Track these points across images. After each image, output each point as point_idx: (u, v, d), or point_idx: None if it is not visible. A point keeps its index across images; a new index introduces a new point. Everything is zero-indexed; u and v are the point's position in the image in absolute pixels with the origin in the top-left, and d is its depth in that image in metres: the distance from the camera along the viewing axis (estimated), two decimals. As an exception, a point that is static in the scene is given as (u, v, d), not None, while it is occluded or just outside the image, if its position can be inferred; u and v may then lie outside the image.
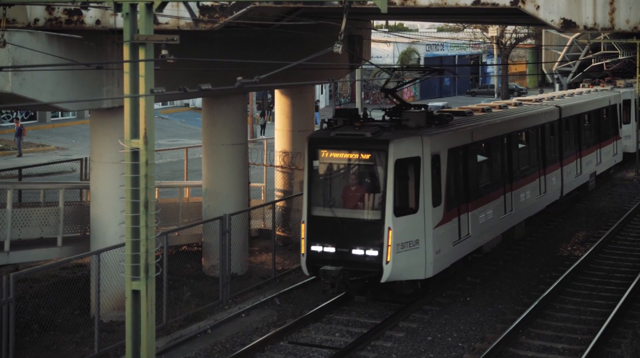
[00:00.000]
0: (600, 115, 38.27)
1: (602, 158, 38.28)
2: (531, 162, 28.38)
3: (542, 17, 15.93)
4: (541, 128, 29.61)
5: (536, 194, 28.70)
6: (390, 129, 21.11)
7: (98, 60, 19.09)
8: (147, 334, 10.81)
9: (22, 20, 18.20)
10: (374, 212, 20.34)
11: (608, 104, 40.11)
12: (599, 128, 37.69)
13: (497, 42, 71.87)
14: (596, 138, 37.24)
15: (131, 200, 10.70)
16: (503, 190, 25.55)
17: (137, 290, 10.75)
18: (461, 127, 23.26)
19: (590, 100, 37.31)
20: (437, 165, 21.09)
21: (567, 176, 32.39)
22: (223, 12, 17.29)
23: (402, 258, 20.01)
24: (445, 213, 21.35)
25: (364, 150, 20.45)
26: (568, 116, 32.67)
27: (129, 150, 10.74)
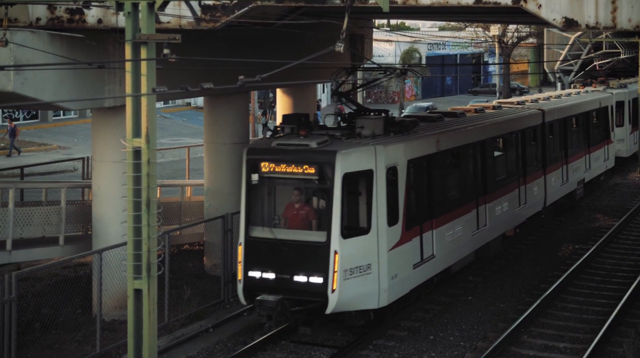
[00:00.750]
0: (590, 118, 35.95)
1: (592, 164, 35.93)
2: (509, 171, 26.20)
3: (544, 16, 15.93)
4: (521, 133, 27.46)
5: (515, 206, 26.50)
6: (341, 138, 19.11)
7: (100, 59, 19.10)
8: (149, 333, 10.82)
9: (24, 20, 18.21)
10: (318, 234, 18.11)
11: (598, 106, 37.76)
12: (587, 132, 35.35)
13: (498, 41, 71.80)
14: (585, 142, 34.96)
15: (133, 199, 10.71)
16: (476, 203, 23.46)
17: (139, 288, 10.76)
18: (425, 135, 21.11)
19: (577, 103, 35.04)
20: (394, 179, 18.96)
21: (551, 185, 30.22)
22: (225, 11, 17.30)
23: (350, 286, 17.81)
24: (403, 233, 19.18)
25: (308, 163, 18.09)
26: (552, 120, 30.55)
27: (131, 149, 10.74)
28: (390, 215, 18.61)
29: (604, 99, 38.90)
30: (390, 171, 18.80)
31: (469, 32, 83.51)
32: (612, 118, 39.97)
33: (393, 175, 18.91)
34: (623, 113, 43.79)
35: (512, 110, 28.84)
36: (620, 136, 43.23)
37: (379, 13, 22.63)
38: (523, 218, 27.53)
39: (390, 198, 18.68)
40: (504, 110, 28.81)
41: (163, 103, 67.83)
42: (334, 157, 17.95)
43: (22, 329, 17.89)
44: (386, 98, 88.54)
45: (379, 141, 19.00)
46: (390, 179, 18.76)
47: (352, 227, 18.30)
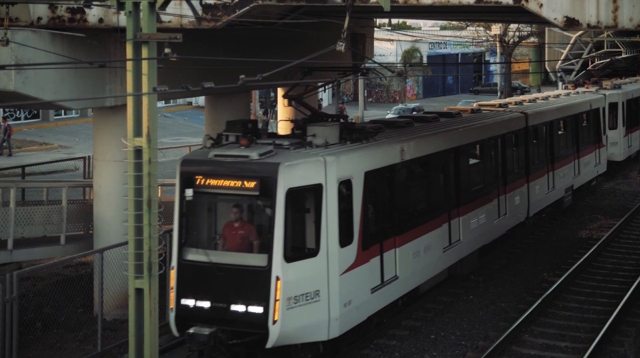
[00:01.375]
0: (579, 121, 34.13)
1: (581, 169, 34.20)
2: (487, 179, 24.41)
3: (545, 15, 15.92)
4: (501, 139, 25.57)
5: (493, 218, 24.69)
6: (289, 147, 16.97)
7: (101, 59, 19.10)
8: (150, 332, 10.82)
9: (25, 19, 18.22)
10: (259, 257, 16.03)
11: (588, 108, 35.76)
12: (576, 135, 33.59)
13: (500, 40, 71.80)
14: (574, 147, 33.24)
15: (134, 199, 10.72)
16: (448, 216, 21.62)
17: (141, 288, 10.76)
18: (388, 143, 19.16)
19: (565, 105, 33.15)
20: (347, 194, 17.02)
21: (535, 193, 28.43)
22: (226, 10, 17.30)
23: (295, 316, 15.78)
24: (359, 254, 17.26)
25: (248, 177, 15.96)
26: (537, 124, 28.74)
27: (132, 148, 10.75)
28: (342, 234, 16.66)
29: (595, 100, 37.05)
30: (344, 185, 16.86)
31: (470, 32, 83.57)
32: (604, 120, 38.47)
33: (347, 190, 16.97)
34: (616, 115, 41.88)
35: (492, 114, 26.98)
36: (614, 139, 41.26)
37: (380, 12, 22.65)
38: (503, 230, 25.73)
39: (343, 216, 16.76)
40: (484, 113, 27.03)
41: (164, 102, 67.84)
42: (276, 169, 15.88)
43: (24, 328, 17.89)
44: (387, 97, 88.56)
45: (332, 151, 17.09)
46: (344, 194, 16.86)
47: (297, 249, 16.33)
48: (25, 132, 56.77)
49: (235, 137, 17.35)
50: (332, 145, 17.55)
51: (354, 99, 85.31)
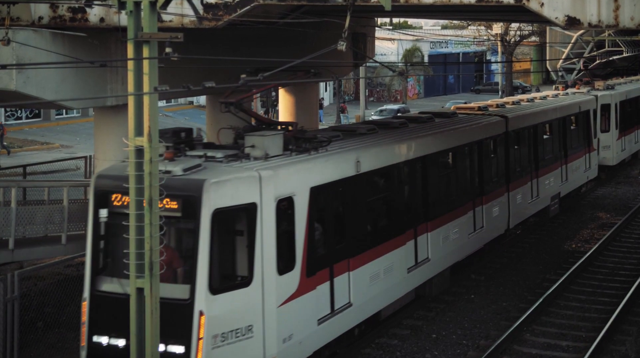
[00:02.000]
0: (567, 124, 32.24)
1: (569, 175, 32.33)
2: (461, 190, 22.64)
3: (546, 14, 15.92)
4: (478, 145, 23.72)
5: (468, 231, 22.85)
6: (222, 160, 15.01)
7: (102, 58, 19.11)
8: (151, 331, 10.82)
9: (26, 18, 18.23)
10: (180, 288, 13.85)
11: (577, 111, 33.81)
12: (564, 139, 31.74)
13: (501, 40, 71.81)
14: (561, 152, 31.35)
15: (135, 198, 10.72)
16: (413, 233, 19.79)
17: (142, 287, 10.77)
18: (341, 154, 17.19)
19: (551, 107, 31.10)
20: (289, 213, 14.97)
21: (517, 203, 26.64)
22: (227, 9, 17.31)
23: (222, 356, 13.87)
24: (303, 281, 15.31)
25: (170, 196, 13.49)
26: (518, 128, 26.90)
27: (133, 147, 10.75)
28: (282, 259, 14.78)
29: (584, 102, 35.08)
30: (284, 203, 14.90)
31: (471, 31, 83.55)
32: (595, 123, 36.75)
33: (288, 208, 14.99)
34: (609, 117, 40.08)
35: (468, 119, 24.98)
36: (606, 143, 39.64)
37: (381, 12, 22.65)
38: (479, 244, 23.97)
39: (283, 239, 14.85)
40: (459, 118, 25.06)
41: (165, 101, 67.84)
42: (200, 187, 13.85)
43: (25, 328, 17.89)
44: (389, 97, 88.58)
45: (270, 164, 15.13)
46: (283, 214, 14.89)
47: (226, 278, 14.41)
48: (27, 132, 56.80)
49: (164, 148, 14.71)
50: (273, 158, 15.58)
51: (355, 98, 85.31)
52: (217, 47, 22.46)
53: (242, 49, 23.46)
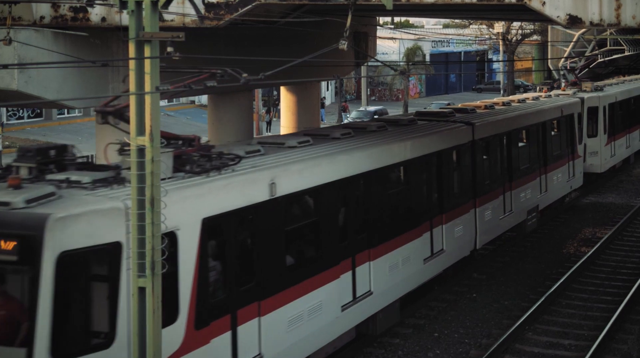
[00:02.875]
0: (547, 130, 29.68)
1: (550, 186, 29.85)
2: (413, 210, 19.79)
3: (548, 13, 15.92)
4: (436, 157, 20.97)
5: (422, 256, 20.05)
6: (86, 186, 12.25)
7: (104, 58, 19.12)
8: (153, 331, 10.83)
9: (27, 18, 18.24)
10: (15, 354, 10.96)
11: (559, 115, 31.24)
12: (544, 147, 29.27)
13: (503, 39, 71.80)
14: (539, 160, 28.81)
15: (137, 197, 10.72)
16: (350, 263, 16.84)
17: (143, 287, 10.77)
18: (249, 174, 14.26)
19: (528, 112, 28.50)
20: (171, 252, 11.85)
21: (486, 219, 23.92)
22: (228, 9, 17.31)
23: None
24: (190, 334, 12.65)
25: (6, 235, 11.01)
26: (487, 136, 24.27)
27: (135, 147, 10.75)
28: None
29: (568, 105, 32.56)
30: (164, 240, 11.40)
31: (473, 30, 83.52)
32: (581, 127, 34.74)
33: (170, 247, 11.79)
34: (597, 121, 37.18)
35: (427, 127, 22.19)
36: (593, 148, 36.86)
37: (383, 11, 22.64)
38: (438, 270, 21.18)
39: (163, 283, 11.40)
40: (418, 126, 22.25)
41: (167, 101, 67.86)
42: (42, 224, 10.94)
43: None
44: (390, 96, 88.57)
45: None
46: (168, 255, 11.49)
47: (78, 337, 11.43)
48: (28, 131, 56.84)
49: (27, 169, 12.50)
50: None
51: (356, 97, 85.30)
52: (218, 47, 22.48)
53: (243, 48, 23.46)
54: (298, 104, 29.11)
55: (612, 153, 38.91)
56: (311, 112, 29.51)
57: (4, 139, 49.09)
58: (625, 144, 41.94)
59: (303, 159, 15.92)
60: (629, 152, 43.11)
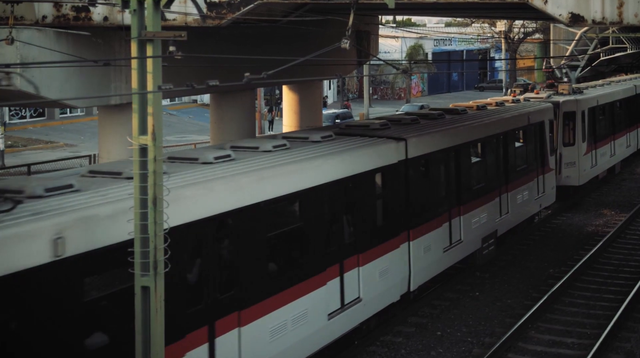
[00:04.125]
0: (509, 142, 25.69)
1: (512, 206, 25.87)
2: (312, 255, 15.59)
3: (550, 11, 15.91)
4: (352, 183, 16.99)
5: (330, 309, 16.24)
6: None
7: (106, 57, 19.12)
8: (156, 331, 10.84)
9: (30, 18, 18.25)
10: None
11: (526, 123, 27.40)
12: (505, 161, 25.29)
13: (505, 37, 71.78)
14: (499, 178, 24.86)
15: (139, 196, 10.73)
16: (207, 332, 12.95)
17: (147, 286, 10.78)
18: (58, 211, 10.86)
19: (483, 123, 24.34)
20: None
21: (423, 254, 19.94)
22: (230, 8, 17.31)
23: None
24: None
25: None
26: (424, 153, 20.18)
27: (137, 146, 10.76)
28: None
29: (537, 111, 28.75)
30: None
31: (475, 28, 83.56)
32: (555, 135, 31.51)
33: None
34: (574, 127, 33.41)
35: (344, 144, 18.05)
36: (570, 158, 33.13)
37: (385, 9, 22.63)
38: (348, 326, 17.05)
39: None
40: (333, 143, 18.01)
41: (169, 100, 67.93)
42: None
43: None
44: (392, 95, 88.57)
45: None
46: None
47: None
48: (31, 131, 56.91)
49: None
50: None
51: (359, 96, 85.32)
52: (220, 46, 22.48)
53: (245, 47, 23.47)
54: (300, 103, 29.11)
55: (592, 163, 35.11)
56: (313, 111, 29.53)
57: (6, 139, 49.13)
58: (610, 152, 38.32)
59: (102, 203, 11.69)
60: (614, 160, 39.33)
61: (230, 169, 14.32)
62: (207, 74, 16.72)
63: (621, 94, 40.79)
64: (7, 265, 9.76)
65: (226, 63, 19.43)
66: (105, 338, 11.22)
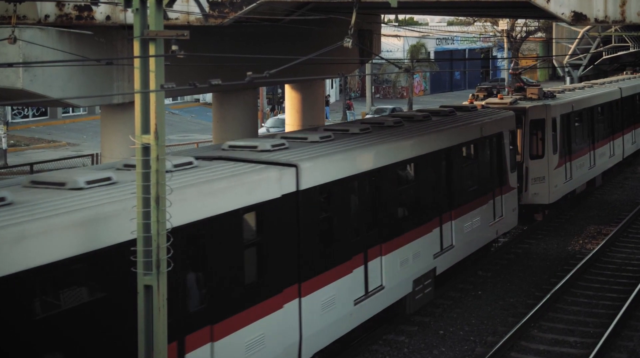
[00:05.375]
0: (454, 159, 21.42)
1: (458, 236, 21.55)
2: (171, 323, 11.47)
3: (553, 10, 15.91)
4: (218, 226, 13.17)
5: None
6: None
7: (108, 56, 19.13)
8: (159, 329, 10.85)
9: (32, 17, 18.26)
10: None
11: (478, 136, 23.10)
12: (447, 183, 21.12)
13: (507, 36, 71.74)
14: (439, 204, 20.59)
15: (142, 196, 10.73)
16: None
17: (149, 285, 10.79)
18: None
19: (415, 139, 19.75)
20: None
21: (322, 313, 15.72)
22: (233, 7, 17.32)
23: None
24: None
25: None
26: (326, 182, 15.87)
27: (140, 145, 10.76)
28: None
29: (493, 122, 24.43)
30: None
31: (477, 27, 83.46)
32: (516, 148, 27.17)
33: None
34: (543, 137, 29.11)
35: (204, 172, 13.93)
36: (538, 173, 28.78)
37: (387, 8, 22.63)
38: None
39: None
40: (198, 169, 14.19)
41: (172, 99, 67.94)
42: None
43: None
44: (394, 93, 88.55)
45: None
46: None
47: None
48: (34, 130, 56.93)
49: None
50: None
51: (361, 95, 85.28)
52: (223, 45, 22.48)
53: (248, 46, 23.48)
54: (303, 102, 29.12)
55: (567, 177, 30.78)
56: (316, 110, 29.53)
57: (9, 138, 49.19)
58: (589, 163, 33.88)
59: None
60: (593, 173, 34.86)
61: None
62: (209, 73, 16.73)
63: (603, 98, 36.59)
64: None
65: (228, 62, 19.42)
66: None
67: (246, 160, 15.23)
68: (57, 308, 10.66)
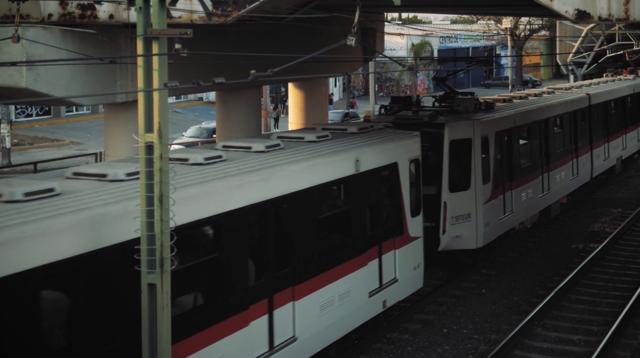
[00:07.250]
0: (314, 210, 15.37)
1: (302, 323, 14.89)
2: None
3: (557, 8, 15.89)
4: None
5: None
6: None
7: (112, 55, 19.13)
8: (163, 328, 10.85)
9: (35, 15, 18.27)
10: None
11: (352, 172, 16.51)
12: (282, 249, 14.53)
13: (511, 34, 71.69)
14: (285, 276, 14.54)
15: (146, 194, 10.73)
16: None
17: (153, 283, 10.79)
18: None
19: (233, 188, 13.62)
20: None
21: None
22: (236, 5, 17.31)
23: None
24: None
25: None
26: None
27: (143, 144, 10.76)
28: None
29: (381, 150, 17.89)
30: None
31: (481, 25, 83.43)
32: (418, 183, 19.48)
33: None
34: (469, 162, 22.77)
35: None
36: (462, 209, 22.48)
37: (391, 6, 22.60)
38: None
39: None
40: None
41: (175, 98, 67.96)
42: None
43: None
44: (397, 92, 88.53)
45: None
46: None
47: None
48: (37, 129, 56.97)
49: None
50: None
51: (364, 93, 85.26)
52: (226, 43, 22.47)
53: (251, 44, 23.47)
54: (306, 100, 29.11)
55: (505, 211, 24.89)
56: (319, 108, 29.51)
57: (12, 137, 49.23)
58: (541, 190, 28.22)
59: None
60: (548, 200, 29.02)
61: None
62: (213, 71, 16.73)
63: (563, 107, 30.71)
64: None
65: (232, 60, 19.41)
66: None
67: None
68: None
